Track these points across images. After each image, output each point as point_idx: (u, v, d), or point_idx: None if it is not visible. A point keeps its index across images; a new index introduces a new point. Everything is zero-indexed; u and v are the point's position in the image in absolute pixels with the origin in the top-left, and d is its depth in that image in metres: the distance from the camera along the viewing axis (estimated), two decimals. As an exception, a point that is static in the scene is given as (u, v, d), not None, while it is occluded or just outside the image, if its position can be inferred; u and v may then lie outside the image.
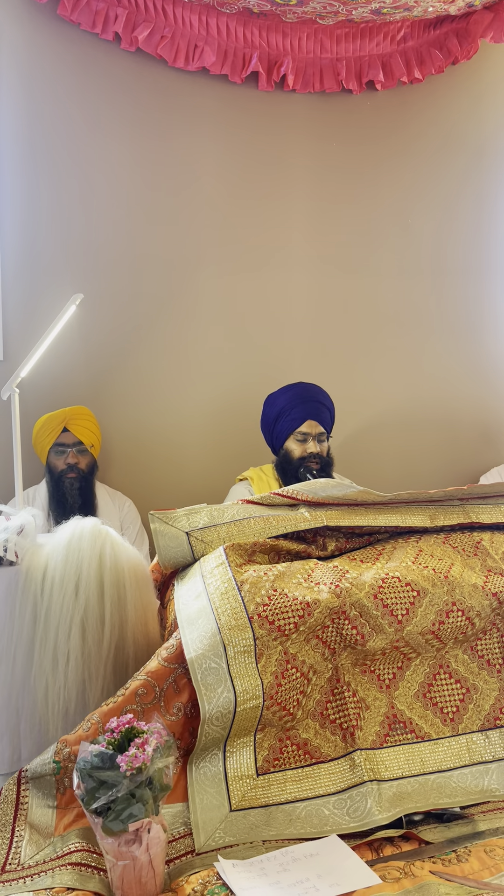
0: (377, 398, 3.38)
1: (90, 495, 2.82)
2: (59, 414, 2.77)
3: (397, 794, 1.41)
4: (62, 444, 2.77)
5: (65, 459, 2.78)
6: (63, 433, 2.77)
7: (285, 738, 1.45)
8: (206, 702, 1.39)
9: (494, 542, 1.76)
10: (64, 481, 2.77)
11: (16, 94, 2.90)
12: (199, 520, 1.71)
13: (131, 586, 1.61)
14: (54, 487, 2.78)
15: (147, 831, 1.19)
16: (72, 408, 2.81)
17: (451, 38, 3.21)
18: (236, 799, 1.36)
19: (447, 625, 1.56)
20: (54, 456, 2.78)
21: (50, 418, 2.76)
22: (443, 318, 3.45)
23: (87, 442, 2.81)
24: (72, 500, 2.76)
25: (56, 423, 2.76)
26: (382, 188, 3.35)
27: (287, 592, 1.50)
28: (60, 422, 2.76)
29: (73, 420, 2.78)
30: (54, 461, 2.78)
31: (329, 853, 1.29)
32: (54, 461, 2.78)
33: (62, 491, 2.77)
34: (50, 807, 1.39)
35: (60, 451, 2.78)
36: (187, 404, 3.16)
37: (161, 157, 3.09)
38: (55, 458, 2.78)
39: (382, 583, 1.56)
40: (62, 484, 2.77)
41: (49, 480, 2.80)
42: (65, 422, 2.76)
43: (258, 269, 3.22)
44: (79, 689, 1.54)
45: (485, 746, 1.51)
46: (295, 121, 3.24)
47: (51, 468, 2.79)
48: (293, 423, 2.68)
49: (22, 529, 1.61)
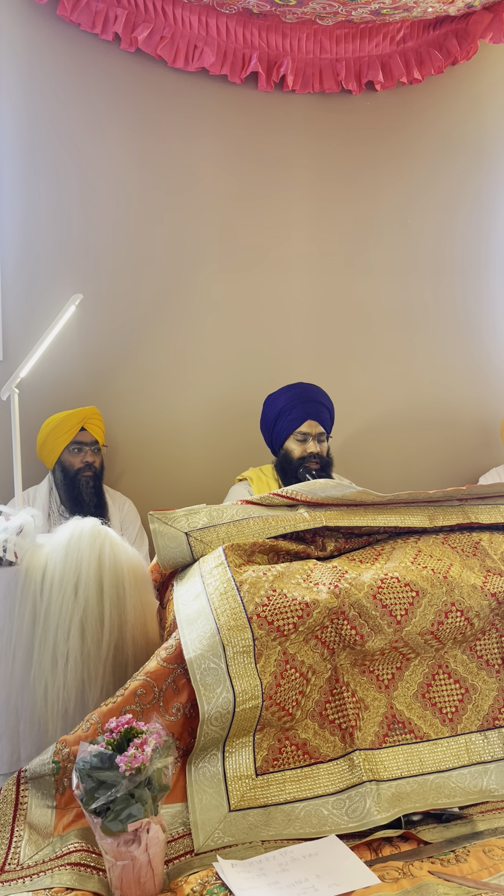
0: (377, 399, 3.38)
1: (102, 495, 2.85)
2: (78, 412, 2.79)
3: (396, 795, 1.41)
4: (80, 442, 2.78)
5: (82, 458, 2.78)
6: (80, 432, 2.78)
7: (284, 738, 1.45)
8: (205, 702, 1.39)
9: (493, 542, 1.76)
10: (80, 480, 2.77)
11: (15, 95, 2.90)
12: (198, 520, 1.71)
13: (130, 586, 1.61)
14: (69, 486, 2.77)
15: (146, 831, 1.19)
16: (88, 407, 2.84)
17: (451, 39, 3.22)
18: (235, 799, 1.36)
19: (446, 625, 1.56)
20: (70, 454, 2.77)
21: (68, 416, 2.77)
22: (442, 318, 3.46)
23: (101, 442, 2.85)
24: (87, 498, 2.77)
25: (75, 421, 2.77)
26: (382, 188, 3.36)
27: (286, 593, 1.50)
28: (80, 420, 2.78)
29: (89, 419, 2.81)
30: (70, 459, 2.78)
31: (328, 853, 1.29)
32: (70, 459, 2.78)
33: (78, 489, 2.77)
34: (49, 807, 1.39)
35: (77, 450, 2.78)
36: (187, 404, 3.16)
37: (160, 157, 3.10)
38: (71, 457, 2.78)
39: (381, 583, 1.56)
40: (78, 483, 2.77)
41: (62, 480, 2.78)
42: (83, 421, 2.79)
43: (257, 269, 3.23)
44: (78, 690, 1.54)
45: (483, 747, 1.52)
46: (294, 121, 3.24)
47: (65, 467, 2.78)
48: (293, 423, 2.68)
49: (21, 530, 1.61)
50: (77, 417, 2.78)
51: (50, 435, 2.78)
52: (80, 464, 2.78)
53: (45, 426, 2.79)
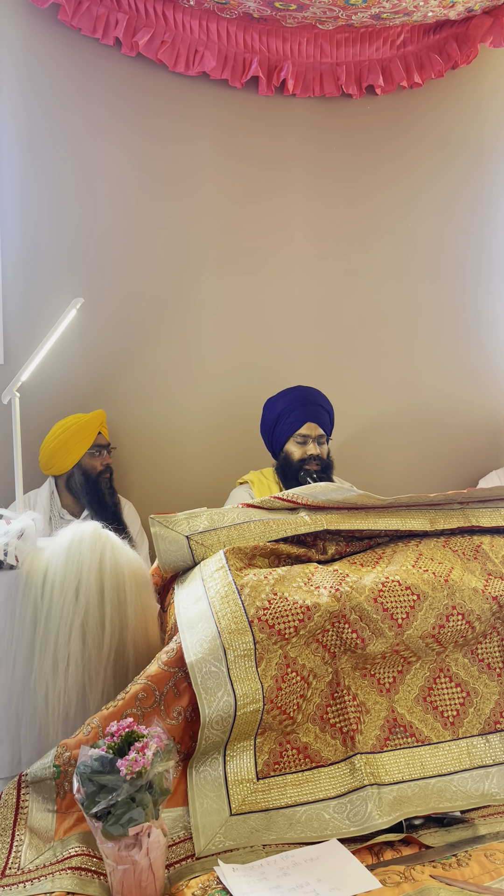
0: (377, 401, 3.39)
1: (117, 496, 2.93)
2: (96, 417, 2.86)
3: (398, 798, 1.41)
4: (100, 445, 2.85)
5: (101, 460, 2.85)
6: (98, 436, 2.85)
7: (285, 741, 1.45)
8: (206, 706, 1.39)
9: (494, 545, 1.76)
10: (101, 482, 2.83)
11: (17, 99, 2.91)
12: (199, 523, 1.71)
13: (132, 590, 1.61)
14: (91, 489, 2.82)
15: (147, 835, 1.19)
16: (99, 411, 2.90)
17: (451, 43, 3.22)
18: (236, 803, 1.36)
19: (447, 628, 1.56)
20: (91, 458, 2.83)
21: (88, 422, 2.83)
22: (442, 320, 3.46)
23: (112, 444, 2.94)
24: (109, 499, 2.84)
25: (94, 426, 2.84)
26: (382, 192, 3.36)
27: (287, 596, 1.50)
28: (99, 424, 2.86)
29: (104, 423, 2.90)
30: (91, 463, 2.83)
31: (329, 857, 1.29)
32: (91, 463, 2.83)
33: (100, 491, 2.82)
34: (50, 811, 1.39)
35: (97, 453, 2.84)
36: (187, 408, 3.17)
37: (161, 161, 3.10)
38: (92, 460, 2.83)
39: (382, 586, 1.56)
40: (100, 485, 2.83)
41: (83, 483, 2.82)
42: (101, 425, 2.86)
43: (258, 273, 3.23)
44: (79, 693, 1.54)
45: (485, 750, 1.51)
46: (295, 125, 3.25)
47: (86, 469, 2.82)
48: (293, 426, 2.68)
49: (22, 533, 1.61)
50: (96, 422, 2.85)
51: (70, 440, 2.80)
52: (101, 466, 2.85)
53: (58, 432, 2.80)
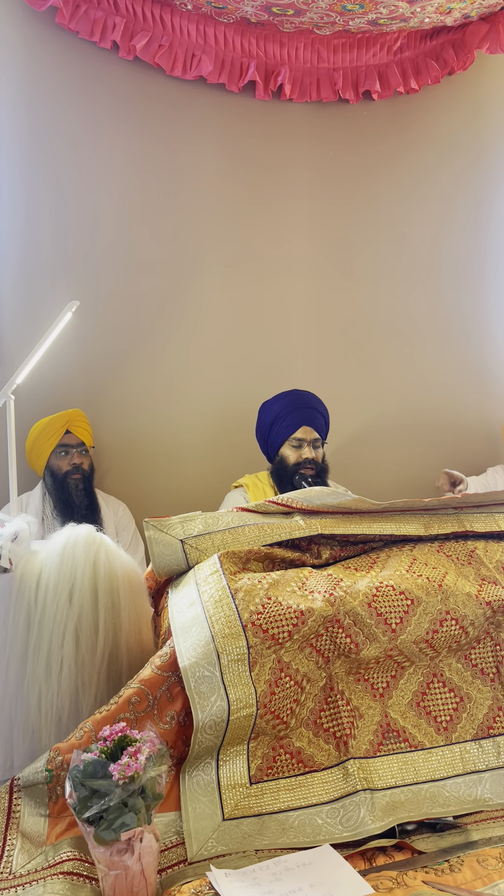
0: (374, 404, 3.39)
1: (93, 497, 2.86)
2: (62, 416, 2.81)
3: (390, 804, 1.41)
4: (66, 444, 2.80)
5: (69, 460, 2.80)
6: (66, 435, 2.80)
7: (279, 746, 1.44)
8: (199, 710, 1.39)
9: (488, 550, 1.76)
10: (69, 482, 2.78)
11: (14, 102, 2.91)
12: (193, 527, 1.71)
13: (125, 594, 1.61)
14: (58, 490, 2.78)
15: (139, 840, 1.18)
16: (72, 410, 2.85)
17: (448, 49, 3.23)
18: (229, 808, 1.36)
19: (441, 633, 1.56)
20: (57, 458, 2.79)
21: (53, 420, 2.79)
22: (440, 324, 3.47)
23: (88, 444, 2.87)
24: (78, 500, 2.78)
25: (59, 424, 2.79)
26: (379, 196, 3.37)
27: (281, 601, 1.50)
28: (64, 423, 2.80)
29: (74, 422, 2.83)
30: (58, 463, 2.79)
31: (322, 863, 1.28)
32: (58, 463, 2.79)
33: (67, 492, 2.78)
34: (42, 815, 1.38)
35: (64, 453, 2.80)
36: (184, 411, 3.16)
37: (159, 164, 3.10)
38: (58, 460, 2.79)
39: (376, 591, 1.56)
40: (67, 485, 2.78)
41: (51, 483, 2.80)
42: (68, 423, 2.81)
43: (255, 277, 3.23)
44: (72, 697, 1.53)
45: (478, 756, 1.51)
46: (292, 129, 3.25)
47: (53, 470, 2.80)
48: (288, 430, 2.68)
49: (16, 536, 1.61)
50: (61, 421, 2.80)
51: (37, 440, 2.79)
52: (68, 466, 2.80)
53: (31, 432, 2.81)
